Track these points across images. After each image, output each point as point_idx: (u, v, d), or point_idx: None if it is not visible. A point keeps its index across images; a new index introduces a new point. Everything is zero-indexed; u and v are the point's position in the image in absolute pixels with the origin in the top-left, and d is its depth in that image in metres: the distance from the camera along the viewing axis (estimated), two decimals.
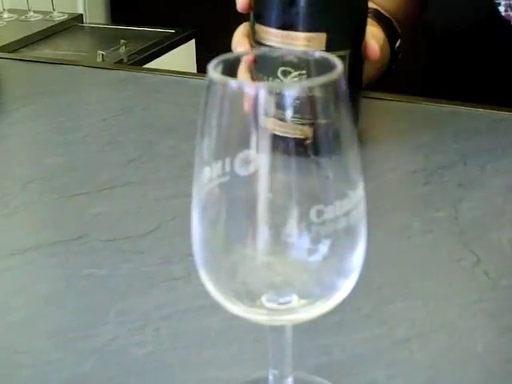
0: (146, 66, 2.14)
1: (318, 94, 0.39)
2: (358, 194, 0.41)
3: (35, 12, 2.37)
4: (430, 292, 0.62)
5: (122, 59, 2.10)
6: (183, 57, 2.28)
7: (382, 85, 1.05)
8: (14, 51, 2.15)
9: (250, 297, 0.43)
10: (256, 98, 0.39)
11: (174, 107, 0.97)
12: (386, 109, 0.95)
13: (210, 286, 0.43)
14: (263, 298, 0.42)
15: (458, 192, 0.75)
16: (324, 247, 0.41)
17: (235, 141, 0.41)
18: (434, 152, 0.85)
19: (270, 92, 0.39)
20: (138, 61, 2.12)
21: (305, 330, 0.48)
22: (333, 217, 0.39)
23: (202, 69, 1.92)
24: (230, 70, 0.42)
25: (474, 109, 0.94)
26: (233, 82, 0.39)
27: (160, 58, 2.20)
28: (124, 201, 0.75)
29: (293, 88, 0.39)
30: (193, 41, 2.26)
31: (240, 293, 0.43)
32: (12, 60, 1.20)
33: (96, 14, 2.75)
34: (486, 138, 0.87)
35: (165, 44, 2.23)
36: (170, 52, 2.24)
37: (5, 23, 2.35)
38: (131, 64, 2.10)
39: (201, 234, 0.43)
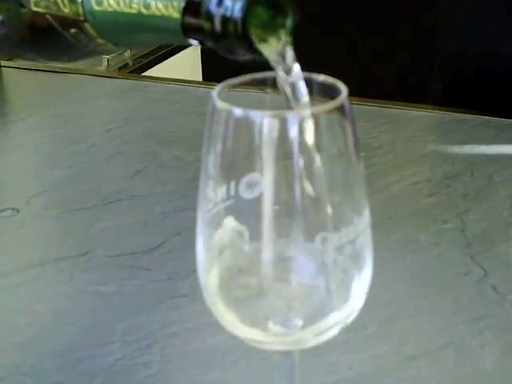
0: (151, 69, 2.14)
1: (323, 119, 0.39)
2: (364, 220, 0.40)
3: None
4: (436, 308, 0.62)
5: (127, 63, 2.10)
6: (189, 60, 2.28)
7: (386, 93, 1.05)
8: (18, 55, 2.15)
9: (255, 323, 0.42)
10: (260, 126, 0.38)
11: (178, 116, 0.97)
12: (389, 117, 0.95)
13: (214, 311, 0.43)
14: (269, 324, 0.42)
15: (465, 203, 0.75)
16: (329, 273, 0.41)
17: (240, 166, 0.41)
18: (440, 162, 0.84)
19: (275, 120, 0.38)
20: (143, 65, 2.12)
21: (311, 348, 0.47)
22: (338, 244, 0.39)
23: (207, 73, 1.91)
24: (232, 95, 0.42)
25: (481, 116, 0.93)
26: (237, 110, 0.39)
27: (165, 61, 2.20)
28: (130, 214, 0.75)
29: (298, 115, 0.39)
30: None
31: (245, 318, 0.42)
32: (16, 69, 1.20)
33: None
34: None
35: (170, 47, 2.22)
36: (176, 55, 2.23)
37: None
38: (136, 68, 2.09)
39: (205, 259, 0.42)
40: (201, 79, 2.18)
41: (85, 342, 0.58)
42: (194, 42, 0.43)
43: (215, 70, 1.03)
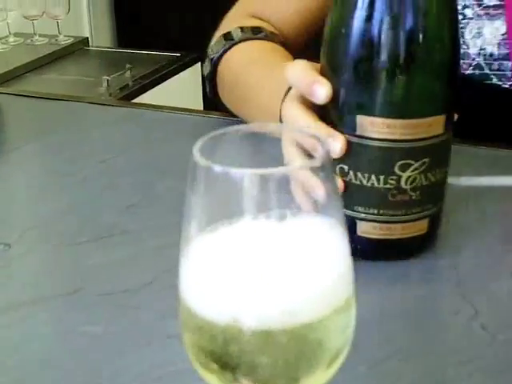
0: (152, 90, 2.14)
1: (303, 177, 0.39)
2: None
3: (41, 36, 2.38)
4: (427, 348, 0.61)
5: (128, 84, 2.11)
6: (189, 80, 2.28)
7: None
8: (19, 76, 2.16)
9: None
10: (240, 184, 0.38)
11: (174, 146, 0.97)
12: None
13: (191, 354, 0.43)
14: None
15: (459, 238, 0.75)
16: None
17: (220, 219, 0.41)
18: None
19: (254, 177, 0.38)
20: (144, 85, 2.12)
21: None
22: None
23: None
24: (216, 147, 0.42)
25: (477, 147, 0.93)
26: (217, 167, 0.39)
27: (166, 82, 2.20)
28: (122, 250, 0.75)
29: (277, 173, 0.39)
30: (198, 64, 2.27)
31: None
32: (12, 95, 1.20)
33: (102, 37, 2.76)
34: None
35: (171, 68, 2.23)
36: (176, 76, 2.24)
37: (11, 47, 2.36)
38: (137, 88, 2.10)
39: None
40: (202, 100, 2.18)
41: None
42: None
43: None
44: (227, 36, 0.98)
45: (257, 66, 0.93)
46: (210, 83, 1.00)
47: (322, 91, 0.67)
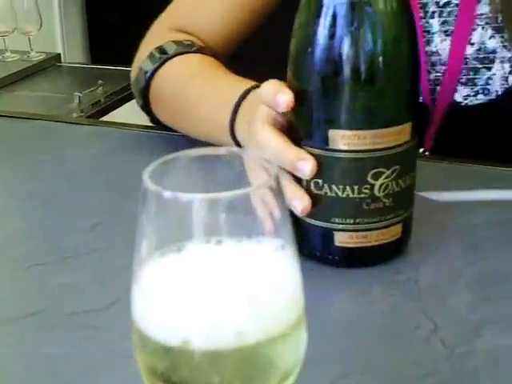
0: (124, 106, 2.15)
1: (252, 199, 0.40)
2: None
3: (12, 52, 2.38)
4: (387, 363, 0.62)
5: (99, 100, 2.11)
6: None
7: None
8: None
9: None
10: (190, 208, 0.39)
11: (142, 165, 0.97)
12: None
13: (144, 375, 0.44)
14: None
15: (419, 253, 0.76)
16: None
17: (171, 242, 0.42)
18: None
19: (204, 202, 0.39)
20: (116, 101, 2.13)
21: None
22: None
23: None
24: (166, 172, 0.43)
25: (441, 161, 0.95)
26: (166, 192, 0.40)
27: None
28: (86, 270, 0.75)
29: (227, 198, 0.39)
30: None
31: None
32: None
33: (74, 54, 2.76)
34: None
35: None
36: None
37: None
38: (109, 104, 2.11)
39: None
40: None
41: None
42: None
43: None
44: (161, 50, 0.99)
45: (196, 80, 0.95)
46: (143, 98, 1.02)
47: (284, 98, 0.69)
